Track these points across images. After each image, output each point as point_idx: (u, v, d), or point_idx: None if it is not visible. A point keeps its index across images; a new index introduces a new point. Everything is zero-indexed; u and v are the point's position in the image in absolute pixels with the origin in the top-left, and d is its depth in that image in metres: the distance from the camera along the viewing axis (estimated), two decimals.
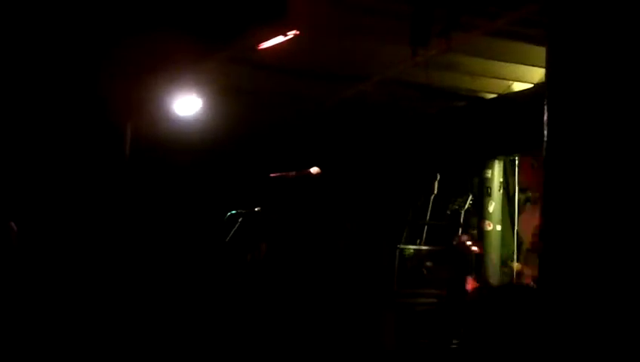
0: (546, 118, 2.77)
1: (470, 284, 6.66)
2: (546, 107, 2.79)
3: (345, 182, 7.87)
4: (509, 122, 6.93)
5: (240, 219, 5.52)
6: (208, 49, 5.98)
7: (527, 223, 7.45)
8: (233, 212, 5.50)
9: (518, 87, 6.99)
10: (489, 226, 7.50)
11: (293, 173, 5.31)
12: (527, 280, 6.87)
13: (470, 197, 7.85)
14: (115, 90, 6.66)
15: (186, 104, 6.76)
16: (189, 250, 6.83)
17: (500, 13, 5.16)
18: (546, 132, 2.75)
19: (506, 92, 7.11)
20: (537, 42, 5.13)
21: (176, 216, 7.27)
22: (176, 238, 7.13)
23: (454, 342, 5.55)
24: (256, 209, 5.59)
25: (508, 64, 6.50)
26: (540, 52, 3.12)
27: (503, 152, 7.38)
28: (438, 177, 7.87)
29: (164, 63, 6.42)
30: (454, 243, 6.82)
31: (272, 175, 5.36)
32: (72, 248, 6.65)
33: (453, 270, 6.72)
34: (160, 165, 7.26)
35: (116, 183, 6.87)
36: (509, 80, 6.92)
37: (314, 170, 5.26)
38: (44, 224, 6.57)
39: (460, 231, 7.84)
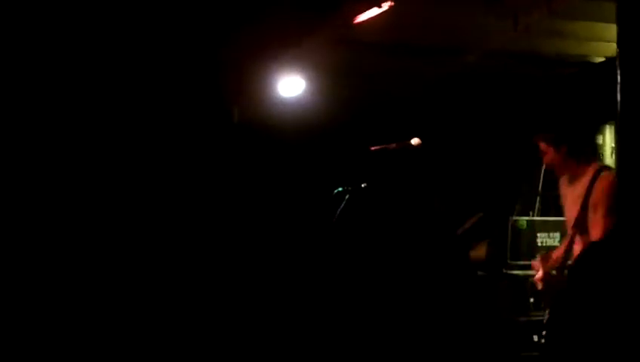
0: (619, 80, 2.68)
1: None
2: (618, 70, 2.69)
3: (452, 156, 7.87)
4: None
5: (347, 197, 5.36)
6: (306, 28, 6.08)
7: None
8: (340, 189, 5.34)
9: None
10: None
11: (394, 144, 5.26)
12: None
13: None
14: (222, 75, 6.90)
15: (290, 85, 6.93)
16: (297, 229, 6.96)
17: None
18: (619, 97, 2.66)
19: (614, 55, 6.90)
20: None
21: (281, 195, 7.41)
22: (283, 217, 7.28)
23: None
24: (362, 185, 5.42)
25: (614, 25, 6.28)
26: None
27: (613, 117, 7.15)
28: None
29: (266, 46, 6.57)
30: None
31: (372, 148, 5.31)
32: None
33: None
34: (265, 145, 7.43)
35: (224, 164, 7.09)
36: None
37: (414, 141, 5.22)
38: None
39: None
